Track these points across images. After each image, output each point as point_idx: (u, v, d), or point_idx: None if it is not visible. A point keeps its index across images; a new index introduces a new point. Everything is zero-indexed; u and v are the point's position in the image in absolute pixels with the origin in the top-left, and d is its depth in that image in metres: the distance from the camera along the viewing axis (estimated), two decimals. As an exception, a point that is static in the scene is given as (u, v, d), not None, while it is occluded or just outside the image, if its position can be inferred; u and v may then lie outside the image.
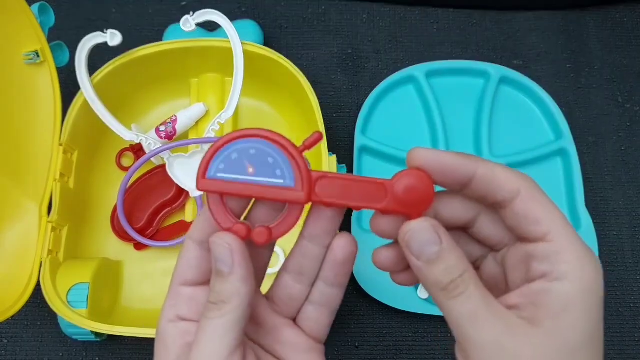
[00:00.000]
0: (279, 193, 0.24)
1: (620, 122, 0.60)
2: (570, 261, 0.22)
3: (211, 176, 0.25)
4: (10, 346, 0.51)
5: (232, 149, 0.24)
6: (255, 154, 0.24)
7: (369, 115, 0.57)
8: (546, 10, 0.64)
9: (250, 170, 0.24)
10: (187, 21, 0.48)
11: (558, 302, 0.22)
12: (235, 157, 0.24)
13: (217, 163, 0.24)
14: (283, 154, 0.24)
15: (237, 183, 0.24)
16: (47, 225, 0.46)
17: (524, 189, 0.22)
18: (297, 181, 0.24)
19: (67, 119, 0.48)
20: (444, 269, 0.22)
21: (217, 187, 0.24)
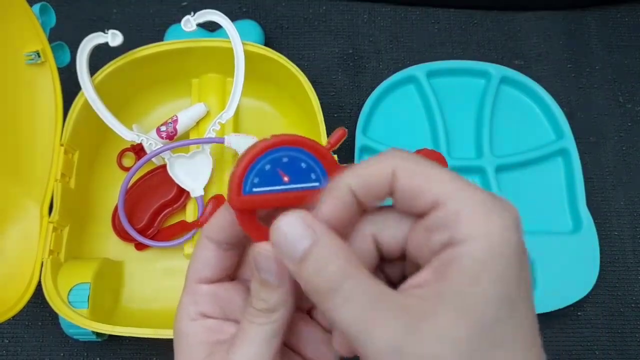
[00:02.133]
0: (316, 196, 0.23)
1: (621, 122, 0.60)
2: (469, 221, 0.19)
3: (247, 192, 0.23)
4: (11, 346, 0.51)
5: (263, 161, 0.23)
6: (288, 162, 0.23)
7: (370, 115, 0.57)
8: (547, 10, 0.64)
9: (285, 179, 0.23)
10: (188, 21, 0.48)
11: (464, 269, 0.18)
12: (269, 169, 0.23)
13: (251, 178, 0.23)
14: (314, 156, 0.23)
15: (274, 194, 0.23)
16: (48, 225, 0.46)
17: (399, 168, 0.20)
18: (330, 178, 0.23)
19: (68, 119, 0.48)
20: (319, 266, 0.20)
21: (256, 202, 0.23)
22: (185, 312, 0.25)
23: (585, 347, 0.52)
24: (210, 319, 0.25)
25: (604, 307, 0.53)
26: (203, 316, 0.25)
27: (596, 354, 0.51)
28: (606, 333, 0.52)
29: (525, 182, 0.56)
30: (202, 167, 0.51)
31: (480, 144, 0.56)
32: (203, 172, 0.50)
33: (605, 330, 0.52)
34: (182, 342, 0.25)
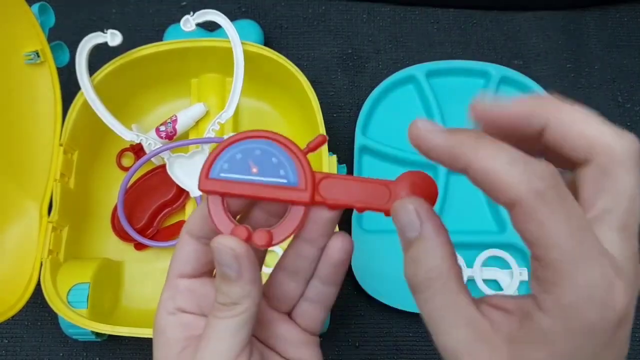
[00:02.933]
0: (283, 193, 0.23)
1: (620, 122, 0.60)
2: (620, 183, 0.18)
3: (214, 176, 0.24)
4: (10, 346, 0.51)
5: (236, 149, 0.24)
6: (260, 155, 0.24)
7: (369, 115, 0.57)
8: (546, 10, 0.64)
9: (254, 170, 0.24)
10: (187, 21, 0.48)
11: None
12: (240, 158, 0.24)
13: (221, 163, 0.24)
14: (287, 154, 0.24)
15: (241, 182, 0.23)
16: (48, 225, 0.46)
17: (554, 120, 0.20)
18: (300, 181, 0.24)
19: (68, 119, 0.48)
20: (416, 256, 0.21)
21: (220, 187, 0.23)
22: (164, 306, 0.25)
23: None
24: (186, 314, 0.25)
25: None
26: (180, 311, 0.25)
27: (595, 353, 0.51)
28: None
29: (525, 182, 0.56)
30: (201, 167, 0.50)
31: (480, 143, 0.56)
32: (202, 172, 0.50)
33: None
34: (159, 337, 0.25)
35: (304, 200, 0.23)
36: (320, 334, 0.51)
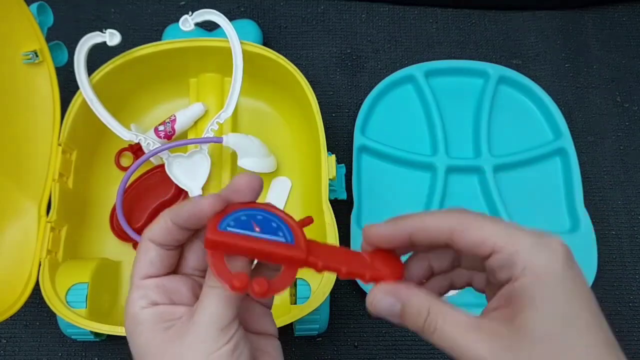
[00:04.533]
0: (283, 249, 0.26)
1: (619, 121, 0.60)
2: (521, 260, 0.24)
3: (222, 228, 0.26)
4: (9, 346, 0.51)
5: (240, 213, 0.27)
6: (262, 219, 0.27)
7: (368, 115, 0.57)
8: (545, 10, 0.64)
9: (257, 229, 0.26)
10: (186, 21, 0.48)
11: (521, 299, 0.23)
12: (244, 219, 0.27)
13: (228, 221, 0.26)
14: (284, 221, 0.27)
15: (245, 237, 0.26)
16: (46, 225, 0.46)
17: (456, 225, 0.25)
18: (297, 241, 0.27)
19: (66, 118, 0.48)
20: (413, 318, 0.26)
21: (228, 238, 0.26)
22: (136, 304, 0.27)
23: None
24: (160, 305, 0.27)
25: (602, 307, 0.53)
26: (154, 304, 0.27)
27: (594, 353, 0.51)
28: (604, 332, 0.52)
29: (523, 181, 0.56)
30: (200, 166, 0.51)
31: (479, 143, 0.56)
32: (201, 171, 0.50)
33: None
34: (137, 327, 0.27)
35: (301, 257, 0.26)
36: (319, 334, 0.51)
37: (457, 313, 0.25)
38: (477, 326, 0.24)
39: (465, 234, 0.25)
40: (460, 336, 0.24)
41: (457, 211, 0.26)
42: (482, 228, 0.25)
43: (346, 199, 0.51)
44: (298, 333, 0.48)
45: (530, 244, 0.24)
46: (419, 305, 0.26)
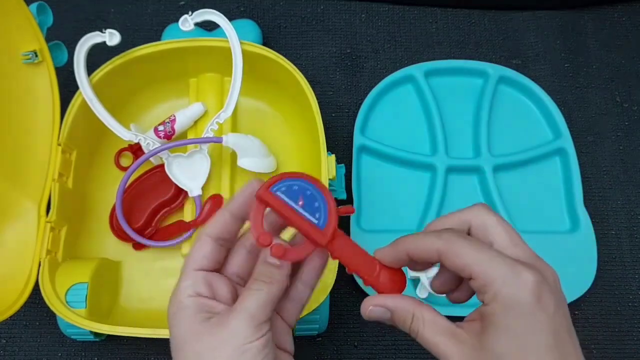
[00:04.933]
0: (311, 229, 0.30)
1: (618, 121, 0.60)
2: (492, 289, 0.27)
3: (273, 190, 0.30)
4: (9, 346, 0.51)
5: (295, 182, 0.30)
6: (309, 195, 0.30)
7: (368, 115, 0.57)
8: (545, 10, 0.64)
9: (300, 203, 0.30)
10: (185, 21, 0.48)
11: (489, 320, 0.27)
12: (295, 189, 0.30)
13: (281, 186, 0.30)
14: (326, 206, 0.30)
15: (287, 206, 0.30)
16: (46, 225, 0.46)
17: (442, 249, 0.28)
18: (326, 229, 0.30)
19: (66, 118, 0.48)
20: (400, 322, 0.30)
21: (273, 201, 0.30)
22: (184, 291, 0.30)
23: (583, 346, 0.52)
24: (204, 297, 0.30)
25: (602, 306, 0.53)
26: (199, 295, 0.30)
27: (593, 352, 0.51)
28: (603, 332, 0.52)
29: (523, 181, 0.56)
30: (200, 166, 0.51)
31: (478, 143, 0.56)
32: (201, 171, 0.50)
33: (603, 329, 0.52)
34: (181, 312, 0.30)
35: (321, 243, 0.30)
36: (319, 334, 0.51)
37: (437, 319, 0.29)
38: (453, 333, 0.29)
39: (449, 259, 0.28)
40: (437, 340, 0.29)
41: (447, 234, 0.29)
42: (464, 256, 0.28)
43: (346, 199, 0.51)
44: (298, 333, 0.48)
45: (503, 275, 0.27)
46: (404, 313, 0.30)
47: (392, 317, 0.30)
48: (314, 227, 0.30)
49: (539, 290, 0.27)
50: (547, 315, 0.27)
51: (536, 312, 0.26)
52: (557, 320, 0.27)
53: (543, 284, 0.27)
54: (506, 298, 0.27)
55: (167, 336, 0.42)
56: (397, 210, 0.55)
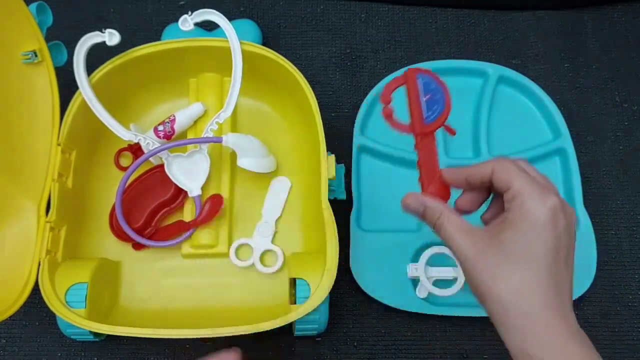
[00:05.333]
0: (417, 116, 0.37)
1: (618, 121, 0.60)
2: (519, 200, 0.33)
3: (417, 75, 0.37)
4: (8, 346, 0.51)
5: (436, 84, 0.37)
6: (437, 98, 0.37)
7: (368, 115, 0.57)
8: (544, 10, 0.64)
9: (427, 97, 0.36)
10: (185, 21, 0.48)
11: (509, 224, 0.33)
12: (432, 87, 0.37)
13: (425, 77, 0.36)
14: (440, 113, 0.36)
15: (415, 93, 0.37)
16: (46, 225, 0.46)
17: (496, 167, 0.34)
18: (428, 125, 0.37)
19: (65, 118, 0.48)
20: (429, 217, 0.37)
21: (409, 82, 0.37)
22: None
23: (583, 346, 0.52)
24: None
25: (601, 307, 0.53)
26: None
27: (593, 352, 0.51)
28: (603, 332, 0.52)
29: (523, 181, 0.56)
30: (199, 166, 0.51)
31: (478, 143, 0.56)
32: (201, 171, 0.50)
33: (603, 329, 0.52)
34: None
35: (416, 130, 0.37)
36: (319, 334, 0.51)
37: (458, 219, 0.35)
38: (470, 230, 0.35)
39: (498, 173, 0.34)
40: (456, 235, 0.35)
41: (499, 158, 0.35)
42: (511, 172, 0.34)
43: (345, 199, 0.51)
44: (298, 333, 0.48)
45: (533, 192, 0.33)
46: (435, 210, 0.36)
47: (424, 212, 0.37)
48: (420, 118, 0.36)
49: (555, 212, 0.32)
50: (554, 232, 0.32)
51: (547, 226, 0.32)
52: (561, 240, 0.32)
53: (561, 210, 0.32)
54: (529, 209, 0.32)
55: (168, 336, 0.43)
56: (397, 210, 0.54)
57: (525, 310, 0.32)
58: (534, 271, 0.32)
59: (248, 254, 0.51)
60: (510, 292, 0.32)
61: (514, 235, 0.32)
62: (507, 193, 0.33)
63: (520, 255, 0.32)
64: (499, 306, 0.32)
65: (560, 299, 0.32)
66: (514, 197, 0.33)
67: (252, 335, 0.42)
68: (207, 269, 0.51)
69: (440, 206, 0.36)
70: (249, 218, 0.52)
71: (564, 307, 0.32)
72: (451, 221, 0.35)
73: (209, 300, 0.50)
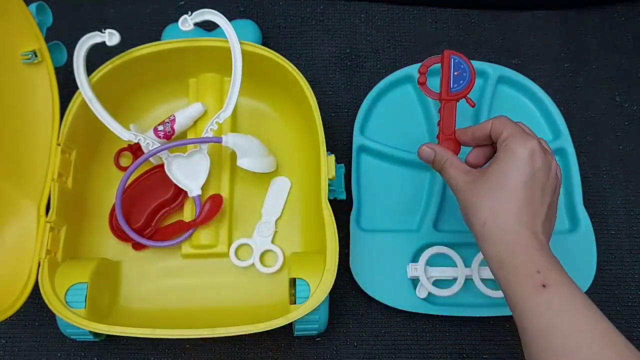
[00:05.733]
0: (445, 85, 0.46)
1: (618, 121, 0.60)
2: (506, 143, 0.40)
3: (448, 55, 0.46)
4: (8, 346, 0.51)
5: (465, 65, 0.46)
6: (464, 75, 0.46)
7: (367, 115, 0.57)
8: (544, 9, 0.64)
9: (456, 72, 0.46)
10: (185, 21, 0.48)
11: (495, 161, 0.40)
12: (462, 66, 0.46)
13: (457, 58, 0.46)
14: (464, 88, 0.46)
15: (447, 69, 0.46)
16: (45, 225, 0.46)
17: (494, 121, 0.42)
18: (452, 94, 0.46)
19: (65, 118, 0.48)
20: (437, 161, 0.45)
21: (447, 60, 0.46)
22: None
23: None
24: None
25: (601, 306, 0.52)
26: None
27: (593, 352, 0.51)
28: (603, 332, 0.52)
29: (523, 181, 0.56)
30: (199, 166, 0.51)
31: (478, 143, 0.56)
32: (201, 171, 0.50)
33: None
34: None
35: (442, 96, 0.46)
36: (319, 334, 0.51)
37: (459, 162, 0.43)
38: (467, 171, 0.42)
39: (496, 126, 0.42)
40: (455, 174, 0.43)
41: (499, 117, 0.42)
42: (502, 123, 0.41)
43: (345, 199, 0.51)
44: (298, 333, 0.48)
45: (516, 136, 0.40)
46: (442, 156, 0.44)
47: (434, 158, 0.45)
48: (448, 88, 0.46)
49: (534, 153, 0.39)
50: (531, 167, 0.39)
51: (524, 161, 0.39)
52: (537, 175, 0.39)
53: (540, 152, 0.39)
54: (511, 148, 0.39)
55: (167, 336, 0.43)
56: (397, 210, 0.55)
57: (499, 224, 0.38)
58: (510, 195, 0.38)
59: (248, 254, 0.51)
60: (489, 210, 0.39)
61: (497, 168, 0.39)
62: (499, 139, 0.41)
63: (500, 183, 0.39)
64: (480, 223, 0.39)
65: (532, 220, 0.38)
66: (503, 140, 0.40)
67: (252, 335, 0.42)
68: (207, 269, 0.51)
69: (447, 153, 0.44)
70: (249, 218, 0.52)
71: (535, 227, 0.38)
72: (453, 164, 0.43)
73: (209, 300, 0.50)
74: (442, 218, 0.54)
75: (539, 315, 0.34)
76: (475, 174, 0.41)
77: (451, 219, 0.54)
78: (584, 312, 0.34)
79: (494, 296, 0.50)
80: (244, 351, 0.51)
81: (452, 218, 0.54)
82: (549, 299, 0.34)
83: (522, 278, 0.36)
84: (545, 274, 0.35)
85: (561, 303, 0.34)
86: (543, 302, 0.34)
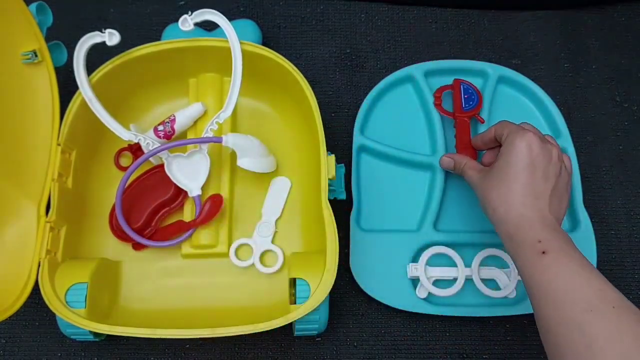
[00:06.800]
0: (457, 106, 0.56)
1: (618, 121, 0.60)
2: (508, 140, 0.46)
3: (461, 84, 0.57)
4: (8, 346, 0.51)
5: (473, 90, 0.56)
6: (472, 97, 0.56)
7: (368, 115, 0.57)
8: (544, 9, 0.64)
9: (466, 96, 0.56)
10: (185, 21, 0.48)
11: (500, 155, 0.46)
12: (470, 91, 0.56)
13: (466, 85, 0.57)
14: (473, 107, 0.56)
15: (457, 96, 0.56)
16: (45, 225, 0.46)
17: (496, 126, 0.49)
18: (464, 112, 0.55)
19: (65, 118, 0.48)
20: (457, 167, 0.52)
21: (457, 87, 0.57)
22: None
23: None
24: None
25: None
26: None
27: (593, 352, 0.51)
28: (603, 332, 0.52)
29: (523, 181, 0.56)
30: (199, 166, 0.51)
31: (478, 143, 0.56)
32: (201, 171, 0.50)
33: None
34: None
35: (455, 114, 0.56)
36: (319, 334, 0.51)
37: (475, 164, 0.50)
38: (481, 169, 0.49)
39: (499, 128, 0.48)
40: (472, 173, 0.49)
41: (500, 121, 0.49)
42: (503, 126, 0.47)
43: (345, 199, 0.51)
44: (298, 333, 0.48)
45: (515, 132, 0.45)
46: (461, 161, 0.51)
47: (454, 164, 0.52)
48: (460, 107, 0.55)
49: (530, 142, 0.44)
50: (530, 155, 0.44)
51: (523, 151, 0.44)
52: (536, 162, 0.44)
53: (536, 141, 0.44)
54: (511, 142, 0.45)
55: (167, 336, 0.43)
56: (397, 210, 0.55)
57: (507, 207, 0.43)
58: (514, 182, 0.44)
59: (248, 254, 0.51)
60: (499, 197, 0.44)
61: (502, 161, 0.45)
62: (502, 138, 0.47)
63: (506, 173, 0.44)
64: (492, 209, 0.45)
65: (536, 201, 0.43)
66: (505, 138, 0.46)
67: (251, 335, 0.42)
68: (207, 269, 0.51)
69: (464, 158, 0.51)
70: (249, 218, 0.52)
71: (540, 207, 0.43)
72: (470, 166, 0.50)
73: (208, 300, 0.50)
74: (442, 218, 0.54)
75: (539, 275, 0.39)
76: (487, 170, 0.48)
77: (451, 219, 0.54)
78: (580, 272, 0.38)
79: (494, 296, 0.50)
80: (244, 351, 0.51)
81: (452, 218, 0.54)
82: (548, 262, 0.39)
83: (526, 248, 0.41)
84: (545, 243, 0.40)
85: (559, 265, 0.39)
86: (543, 265, 0.39)
